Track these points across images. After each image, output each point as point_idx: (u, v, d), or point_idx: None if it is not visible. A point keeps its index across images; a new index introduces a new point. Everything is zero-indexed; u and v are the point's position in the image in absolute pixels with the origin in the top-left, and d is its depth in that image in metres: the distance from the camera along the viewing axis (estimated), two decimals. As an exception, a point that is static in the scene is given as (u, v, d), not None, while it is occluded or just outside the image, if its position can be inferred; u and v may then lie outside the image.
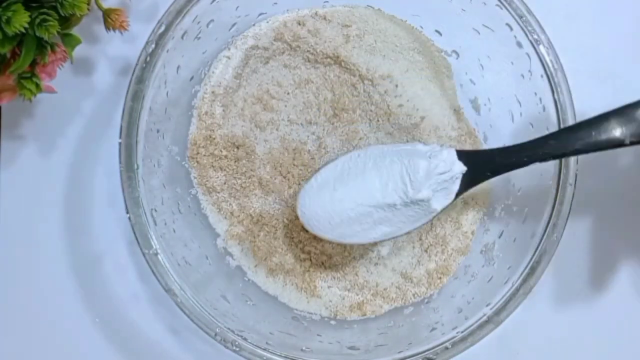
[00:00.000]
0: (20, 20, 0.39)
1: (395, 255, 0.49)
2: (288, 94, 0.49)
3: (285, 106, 0.49)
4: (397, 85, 0.49)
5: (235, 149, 0.49)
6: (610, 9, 0.51)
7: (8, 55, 0.44)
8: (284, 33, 0.49)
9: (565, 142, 0.40)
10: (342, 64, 0.49)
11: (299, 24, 0.49)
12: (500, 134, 0.48)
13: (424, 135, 0.49)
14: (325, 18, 0.49)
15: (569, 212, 0.42)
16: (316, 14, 0.50)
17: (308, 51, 0.49)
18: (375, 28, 0.50)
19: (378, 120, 0.49)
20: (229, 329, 0.42)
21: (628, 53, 0.51)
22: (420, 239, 0.49)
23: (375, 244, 0.49)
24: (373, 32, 0.50)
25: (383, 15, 0.50)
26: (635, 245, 0.51)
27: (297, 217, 0.45)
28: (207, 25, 0.45)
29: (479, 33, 0.46)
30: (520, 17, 0.43)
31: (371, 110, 0.49)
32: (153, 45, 0.42)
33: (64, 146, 0.50)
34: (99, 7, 0.46)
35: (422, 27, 0.50)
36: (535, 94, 0.44)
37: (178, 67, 0.45)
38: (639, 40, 0.51)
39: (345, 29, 0.49)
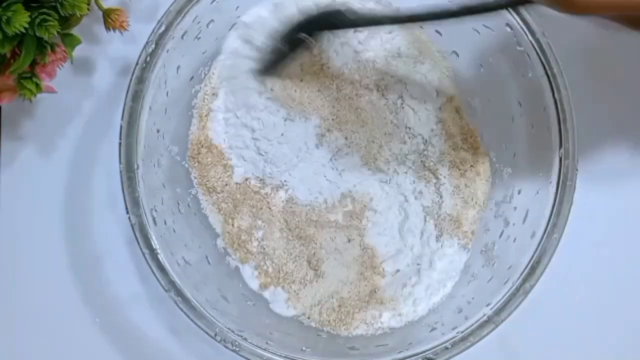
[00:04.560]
0: (20, 20, 0.39)
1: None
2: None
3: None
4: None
5: (235, 149, 0.49)
6: (610, 9, 0.51)
7: (8, 55, 0.44)
8: (284, 33, 0.49)
9: None
10: (342, 63, 0.49)
11: (299, 23, 0.49)
12: (500, 134, 0.48)
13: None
14: (325, 18, 0.49)
15: (569, 212, 0.42)
16: (316, 14, 0.50)
17: (308, 51, 0.49)
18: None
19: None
20: (229, 329, 0.42)
21: (628, 53, 0.51)
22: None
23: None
24: (373, 32, 0.50)
25: (383, 15, 0.50)
26: (635, 244, 0.51)
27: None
28: (207, 25, 0.45)
29: (479, 33, 0.46)
30: (521, 17, 0.43)
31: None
32: (153, 45, 0.42)
33: (64, 146, 0.50)
34: (99, 7, 0.46)
35: (422, 27, 0.50)
36: (535, 94, 0.44)
37: (178, 67, 0.45)
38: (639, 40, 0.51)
39: (345, 29, 0.49)
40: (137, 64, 0.42)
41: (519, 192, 0.47)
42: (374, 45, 0.49)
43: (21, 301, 0.50)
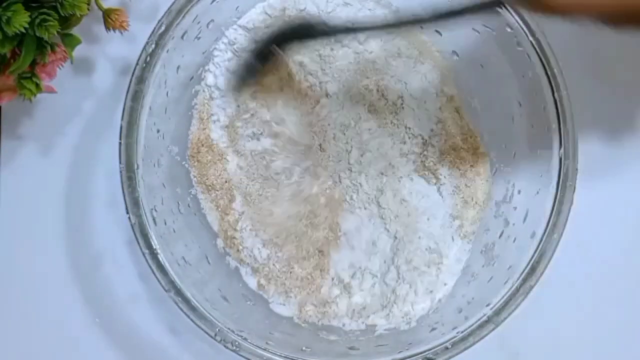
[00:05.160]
0: (20, 20, 0.39)
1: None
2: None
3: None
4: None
5: (236, 149, 0.49)
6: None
7: (8, 55, 0.44)
8: (284, 33, 0.49)
9: None
10: (342, 63, 0.49)
11: (299, 23, 0.49)
12: (500, 134, 0.48)
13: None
14: (325, 18, 0.49)
15: (569, 212, 0.42)
16: (316, 13, 0.50)
17: (308, 51, 0.49)
18: (376, 28, 0.50)
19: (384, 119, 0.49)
20: (229, 329, 0.42)
21: (628, 53, 0.51)
22: (420, 239, 0.49)
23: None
24: (373, 32, 0.50)
25: (383, 15, 0.50)
26: (636, 244, 0.51)
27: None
28: (207, 25, 0.45)
29: (479, 33, 0.46)
30: (521, 17, 0.43)
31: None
32: (153, 45, 0.42)
33: (64, 146, 0.50)
34: (99, 7, 0.46)
35: (422, 27, 0.50)
36: (535, 94, 0.44)
37: (178, 67, 0.45)
38: (639, 40, 0.51)
39: (345, 29, 0.49)
40: (137, 64, 0.42)
41: (519, 192, 0.47)
42: (374, 46, 0.49)
43: (21, 301, 0.50)
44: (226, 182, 0.48)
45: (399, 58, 0.49)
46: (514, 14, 0.43)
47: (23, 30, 0.40)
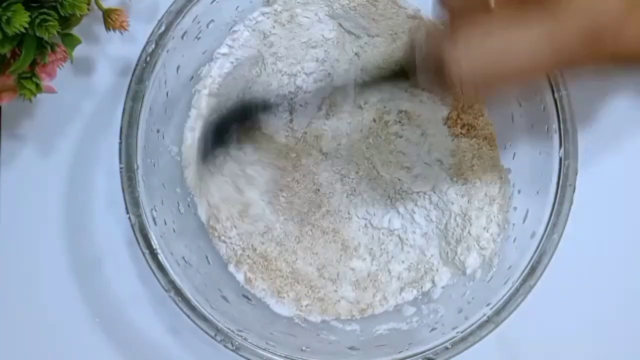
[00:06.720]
0: (20, 20, 0.39)
1: (395, 255, 0.49)
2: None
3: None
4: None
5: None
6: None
7: (8, 55, 0.44)
8: (284, 33, 0.49)
9: None
10: (342, 63, 0.49)
11: (299, 24, 0.49)
12: (500, 134, 0.48)
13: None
14: (325, 18, 0.49)
15: (569, 212, 0.42)
16: (316, 14, 0.50)
17: (308, 51, 0.49)
18: (376, 28, 0.50)
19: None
20: (229, 329, 0.42)
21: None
22: (421, 239, 0.49)
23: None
24: (373, 32, 0.50)
25: (383, 15, 0.50)
26: (635, 244, 0.51)
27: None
28: (207, 25, 0.45)
29: (479, 33, 0.46)
30: (520, 17, 0.43)
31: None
32: (153, 45, 0.42)
33: (64, 146, 0.50)
34: (99, 7, 0.46)
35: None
36: (535, 93, 0.44)
37: (178, 67, 0.45)
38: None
39: (345, 29, 0.50)
40: (137, 64, 0.42)
41: (519, 192, 0.47)
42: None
43: (21, 301, 0.50)
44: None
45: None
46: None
47: (23, 30, 0.40)
